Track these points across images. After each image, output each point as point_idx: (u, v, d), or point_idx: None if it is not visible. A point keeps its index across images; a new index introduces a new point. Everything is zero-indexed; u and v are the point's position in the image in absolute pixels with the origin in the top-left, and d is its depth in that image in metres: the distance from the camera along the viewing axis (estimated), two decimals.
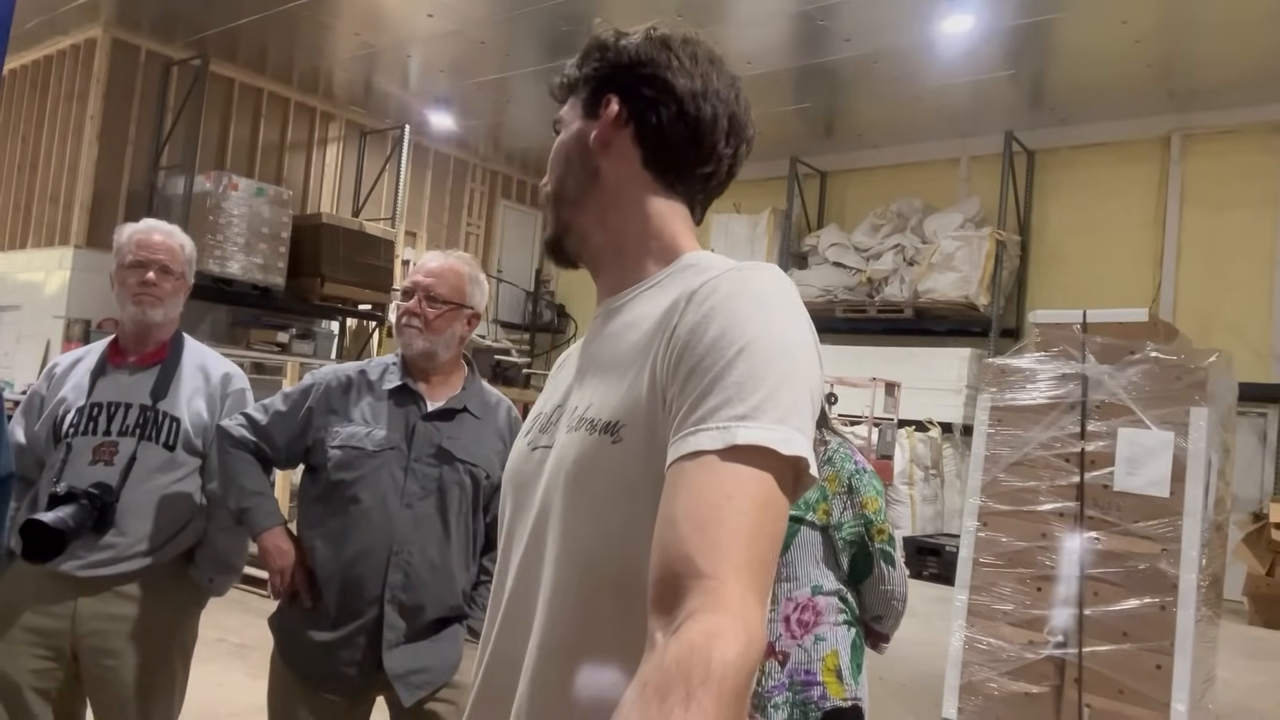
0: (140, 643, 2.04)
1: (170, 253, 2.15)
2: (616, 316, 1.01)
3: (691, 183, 1.04)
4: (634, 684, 0.68)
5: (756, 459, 0.77)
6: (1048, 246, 10.20)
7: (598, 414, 0.92)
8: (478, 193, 13.55)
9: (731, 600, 0.70)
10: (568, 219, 1.06)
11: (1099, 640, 4.04)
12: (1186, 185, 9.43)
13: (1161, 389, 4.02)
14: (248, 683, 4.24)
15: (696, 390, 0.82)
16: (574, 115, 1.07)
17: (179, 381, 2.14)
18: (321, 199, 11.44)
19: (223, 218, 8.79)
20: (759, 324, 0.84)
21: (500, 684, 0.96)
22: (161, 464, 2.08)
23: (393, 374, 2.09)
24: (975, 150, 10.55)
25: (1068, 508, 4.21)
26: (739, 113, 1.04)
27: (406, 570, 1.96)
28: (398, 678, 1.95)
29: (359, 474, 1.98)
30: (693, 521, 0.74)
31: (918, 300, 9.89)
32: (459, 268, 2.12)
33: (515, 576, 0.97)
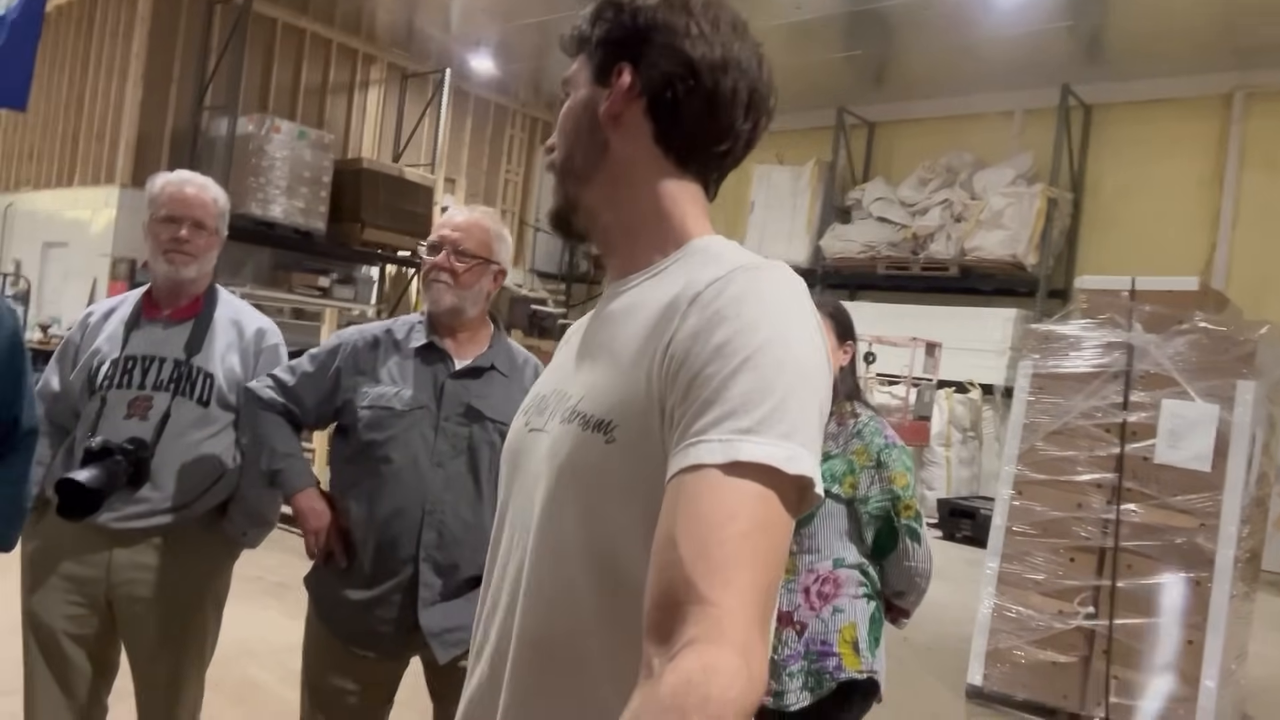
0: (173, 592, 2.08)
1: (204, 207, 2.13)
2: (617, 301, 0.96)
3: (706, 160, 0.98)
4: (626, 714, 0.66)
5: (760, 476, 0.73)
6: (1100, 206, 9.91)
7: (590, 409, 0.88)
8: (517, 139, 13.46)
9: (734, 631, 0.67)
10: (575, 195, 1.00)
11: (1131, 613, 4.00)
12: (1247, 146, 9.08)
13: (1209, 360, 3.91)
14: (284, 621, 4.35)
15: (699, 399, 0.78)
16: (583, 79, 1.00)
17: (213, 336, 2.14)
18: (362, 143, 11.44)
19: (265, 160, 8.82)
20: (767, 331, 0.79)
21: (496, 666, 0.95)
22: (195, 420, 2.09)
23: (419, 332, 2.06)
24: (1029, 104, 10.23)
25: (1106, 479, 4.14)
26: (760, 85, 0.96)
27: (440, 529, 1.96)
28: (433, 635, 1.95)
29: (389, 434, 1.97)
30: (694, 543, 0.71)
31: (963, 258, 9.70)
32: (485, 223, 2.08)
33: (514, 565, 0.95)
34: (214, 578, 2.17)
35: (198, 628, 2.14)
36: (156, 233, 2.11)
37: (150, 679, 2.11)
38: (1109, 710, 3.98)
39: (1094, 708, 4.03)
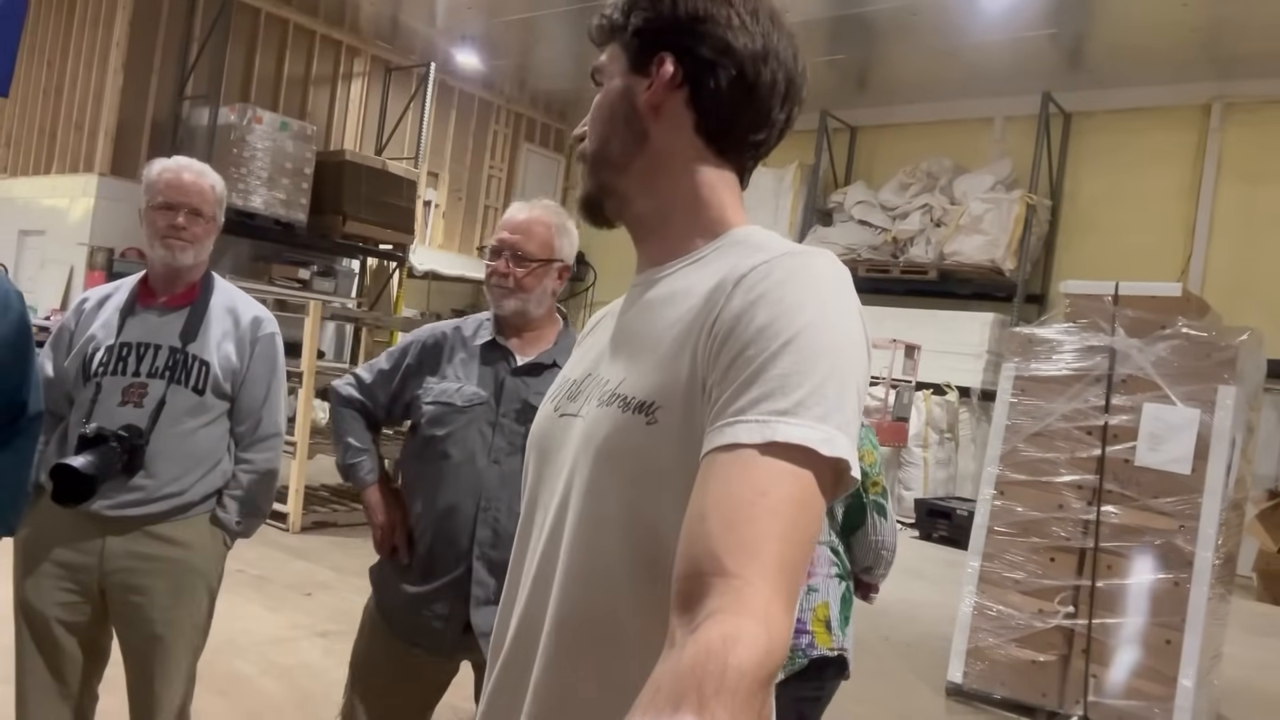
0: (166, 581, 2.07)
1: (201, 194, 2.11)
2: (656, 288, 0.96)
3: (743, 150, 0.98)
4: (648, 685, 0.66)
5: (795, 457, 0.74)
6: (1078, 212, 10.03)
7: (631, 391, 0.89)
8: (501, 135, 13.41)
9: (756, 603, 0.68)
10: (610, 182, 0.99)
11: (1110, 613, 4.06)
12: (1224, 155, 9.22)
13: (1190, 365, 3.97)
14: (266, 614, 4.32)
15: (739, 380, 0.78)
16: (618, 68, 0.99)
17: (208, 324, 2.13)
18: (345, 136, 11.36)
19: (246, 151, 8.74)
20: (810, 315, 0.80)
21: (524, 652, 0.95)
22: (191, 408, 2.08)
23: (485, 330, 2.09)
24: (1011, 110, 10.33)
25: (1087, 480, 4.19)
26: (796, 75, 0.97)
27: (495, 527, 1.95)
28: (484, 636, 1.93)
29: (449, 430, 2.00)
30: (723, 517, 0.72)
31: (943, 262, 9.79)
32: (546, 218, 2.05)
33: (543, 548, 0.95)
34: (207, 568, 2.15)
35: (191, 617, 2.13)
36: (153, 219, 2.08)
37: (142, 668, 2.10)
38: (1087, 708, 4.04)
39: (1072, 706, 4.08)
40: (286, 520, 5.95)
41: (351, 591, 4.81)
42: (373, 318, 8.58)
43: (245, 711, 3.29)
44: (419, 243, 11.61)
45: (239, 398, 2.16)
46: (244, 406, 2.17)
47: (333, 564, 5.33)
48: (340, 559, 5.45)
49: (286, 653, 3.92)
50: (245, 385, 2.17)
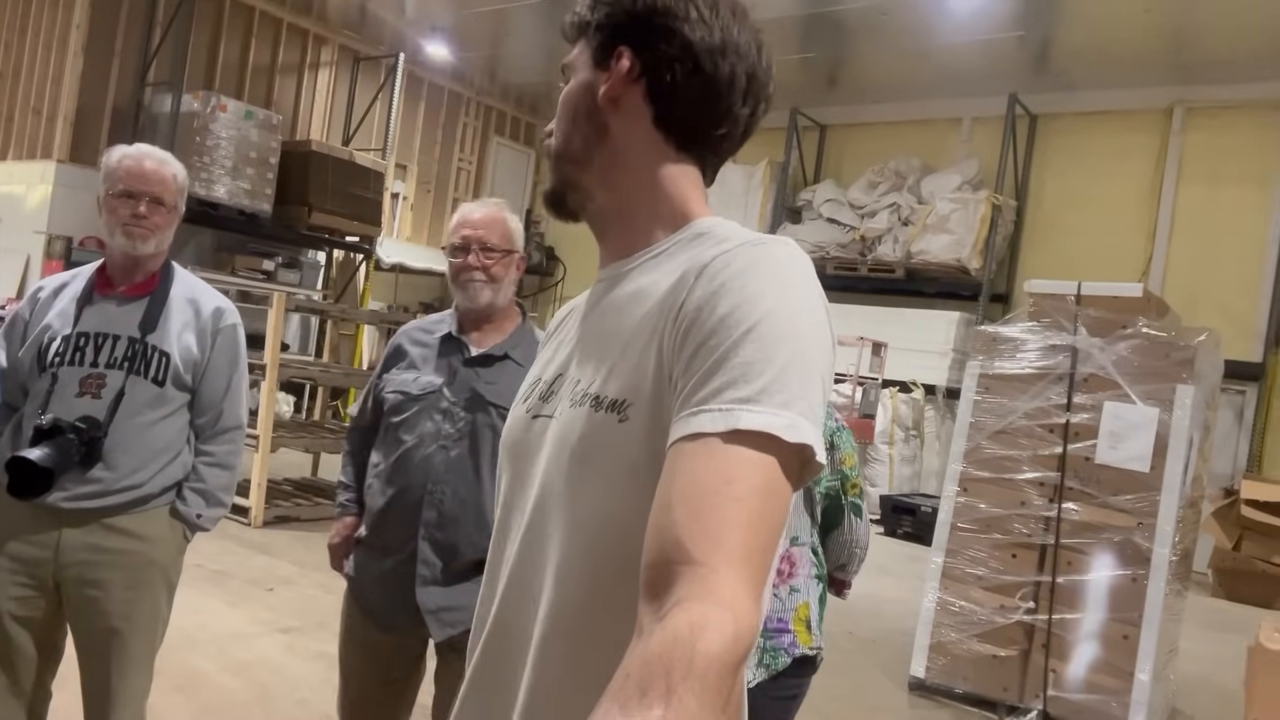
0: (124, 576, 2.03)
1: (163, 183, 2.07)
2: (621, 284, 0.96)
3: (705, 144, 0.98)
4: (618, 672, 0.66)
5: (759, 444, 0.74)
6: (1043, 213, 10.17)
7: (602, 390, 0.89)
8: (471, 128, 13.33)
9: (722, 590, 0.68)
10: (572, 177, 1.00)
11: (1070, 608, 4.11)
12: (1185, 159, 9.39)
13: (1150, 365, 4.03)
14: (225, 609, 4.26)
15: (701, 369, 0.78)
16: (583, 65, 1.00)
17: (168, 315, 2.09)
18: (311, 126, 11.22)
19: (210, 139, 8.60)
20: (771, 302, 0.80)
21: (503, 655, 0.94)
22: (150, 399, 2.05)
23: (446, 324, 2.19)
24: (978, 111, 10.44)
25: (1048, 477, 4.25)
26: (760, 70, 0.97)
27: (439, 509, 2.05)
28: (429, 613, 2.04)
29: (404, 416, 2.11)
30: (687, 506, 0.72)
31: (910, 261, 9.87)
32: (500, 213, 2.16)
33: (519, 549, 0.95)
34: (167, 562, 2.11)
35: (149, 613, 2.09)
36: (114, 208, 2.04)
37: (97, 664, 2.05)
38: (1046, 702, 4.09)
39: (1032, 700, 4.14)
40: (248, 514, 5.87)
41: (314, 587, 4.76)
42: (338, 310, 8.49)
43: (202, 707, 3.24)
44: (386, 235, 11.51)
45: (199, 390, 2.13)
46: (205, 399, 2.14)
47: (295, 559, 5.27)
48: (303, 554, 5.39)
49: (246, 649, 3.87)
50: (206, 377, 2.14)
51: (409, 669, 2.21)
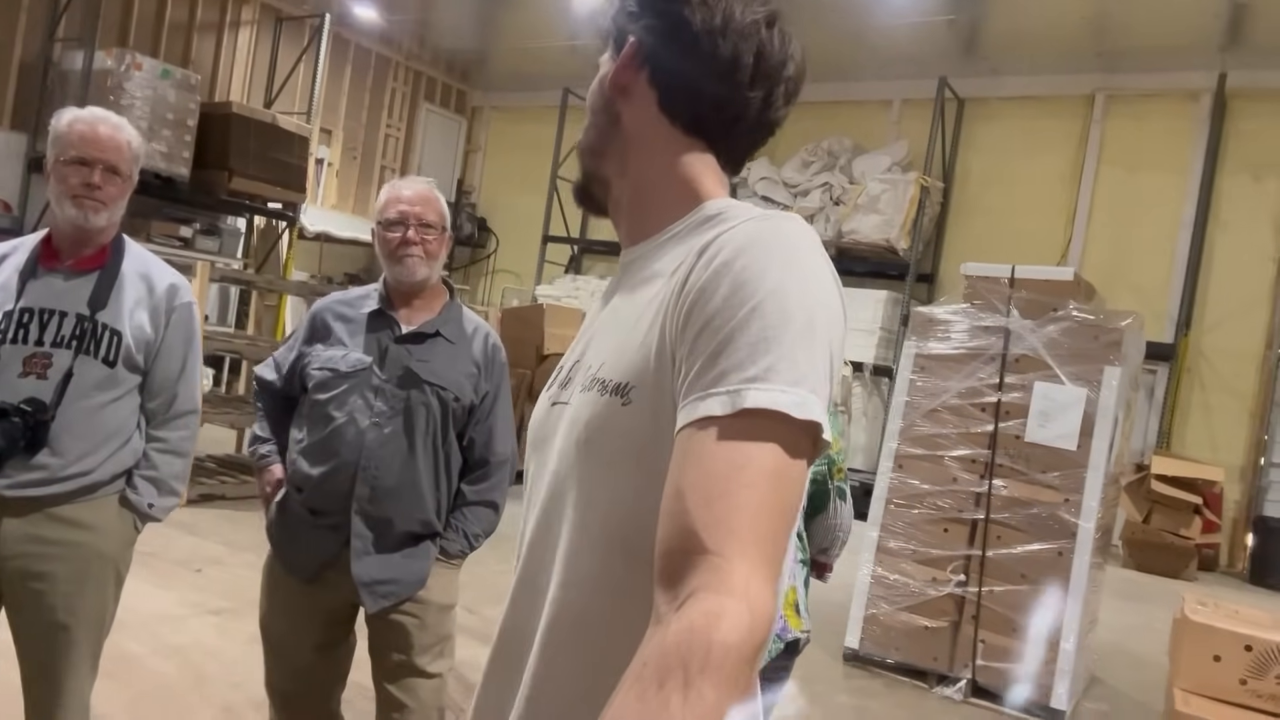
0: (70, 569, 1.93)
1: (118, 151, 1.94)
2: (634, 269, 0.97)
3: (713, 127, 0.97)
4: (635, 661, 0.67)
5: (768, 424, 0.73)
6: (968, 195, 10.40)
7: (609, 374, 0.88)
8: (399, 93, 12.99)
9: (736, 579, 0.68)
10: (593, 167, 1.02)
11: (998, 581, 4.26)
12: (1105, 145, 9.71)
13: (1079, 347, 4.17)
14: (154, 592, 4.12)
15: (707, 351, 0.77)
16: (607, 60, 1.02)
17: (120, 291, 1.97)
18: (231, 87, 10.80)
19: (124, 99, 8.18)
20: (775, 279, 0.78)
21: (514, 643, 0.94)
22: (100, 381, 1.94)
23: (372, 300, 2.15)
24: (908, 94, 10.60)
25: (980, 455, 4.37)
26: (771, 52, 0.96)
27: (373, 484, 2.04)
28: (364, 585, 2.04)
29: (333, 394, 2.07)
30: (699, 493, 0.72)
31: (840, 240, 10.00)
32: (434, 192, 2.17)
33: (531, 538, 0.95)
34: (116, 552, 2.01)
35: (95, 608, 1.99)
36: (64, 176, 1.92)
37: (41, 661, 1.95)
38: (975, 671, 4.24)
39: (961, 669, 4.28)
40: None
41: (243, 568, 4.63)
42: (265, 281, 8.23)
43: (136, 694, 3.13)
44: (310, 202, 11.17)
45: (152, 371, 2.03)
46: (157, 381, 2.04)
47: (223, 539, 5.12)
48: (230, 533, 5.24)
49: (178, 631, 3.75)
50: (159, 358, 2.03)
51: (339, 633, 2.18)
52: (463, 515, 2.15)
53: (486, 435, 2.17)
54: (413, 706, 2.07)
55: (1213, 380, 9.02)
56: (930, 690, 4.29)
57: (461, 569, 2.20)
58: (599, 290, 12.43)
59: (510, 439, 2.22)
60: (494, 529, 2.22)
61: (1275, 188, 8.87)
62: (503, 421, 2.21)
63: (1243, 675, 2.56)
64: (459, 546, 2.13)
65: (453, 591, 2.16)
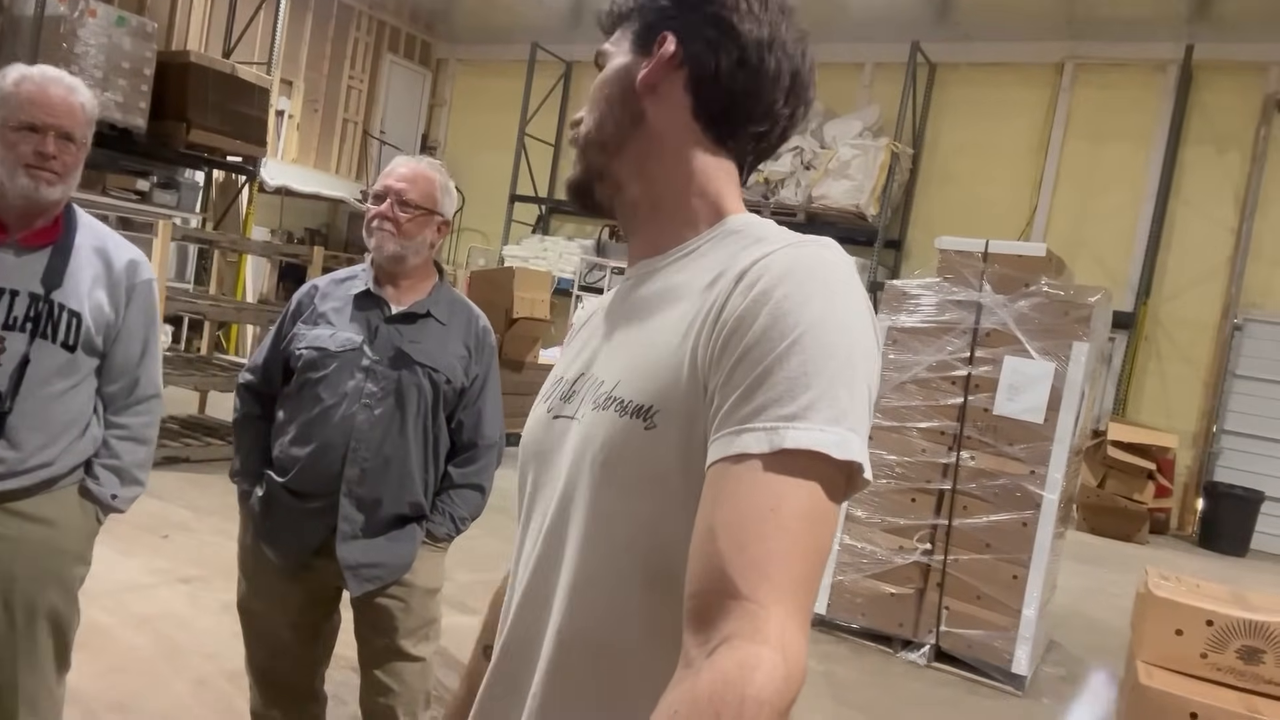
0: (30, 566, 1.84)
1: (71, 115, 1.81)
2: (649, 282, 0.93)
3: (743, 140, 0.95)
4: (663, 708, 0.66)
5: (806, 464, 0.72)
6: (937, 162, 10.44)
7: (628, 394, 0.85)
8: (362, 43, 12.68)
9: (771, 628, 0.67)
10: (601, 165, 0.96)
11: (963, 550, 4.35)
12: (1072, 114, 9.77)
13: (1049, 322, 4.23)
14: (119, 559, 4.07)
15: (744, 384, 0.75)
16: (621, 49, 0.96)
17: (76, 268, 1.85)
18: (189, 36, 10.46)
19: (78, 46, 7.89)
20: (816, 312, 0.76)
21: (517, 663, 0.92)
22: (59, 367, 1.83)
23: (361, 280, 2.13)
24: (881, 57, 10.56)
25: (948, 427, 4.44)
26: (803, 71, 0.94)
27: (363, 466, 2.02)
28: (349, 568, 2.03)
29: (322, 374, 2.04)
30: (733, 535, 0.70)
31: (810, 205, 10.01)
32: (430, 174, 2.12)
33: (538, 556, 0.92)
34: (78, 546, 1.93)
35: (60, 607, 1.91)
36: (13, 143, 1.78)
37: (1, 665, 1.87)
38: (939, 637, 4.35)
39: (925, 635, 4.39)
40: None
41: (211, 533, 4.59)
42: (228, 240, 8.04)
43: (106, 666, 3.09)
44: (271, 156, 10.91)
45: (111, 354, 1.93)
46: (117, 364, 1.94)
47: (188, 503, 5.06)
48: (196, 497, 5.17)
49: (146, 601, 3.72)
50: (120, 340, 1.93)
51: (322, 614, 2.17)
52: (449, 498, 2.13)
53: (476, 418, 2.16)
54: (398, 690, 2.08)
55: (1169, 349, 9.23)
56: (895, 655, 4.39)
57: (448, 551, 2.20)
58: (567, 252, 12.25)
59: (499, 422, 2.21)
60: (480, 512, 2.21)
61: (1237, 160, 9.01)
62: (492, 405, 2.19)
63: (1203, 649, 2.65)
64: (446, 529, 2.12)
65: (439, 575, 2.15)
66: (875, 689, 4.01)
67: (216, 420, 6.66)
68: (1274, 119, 8.82)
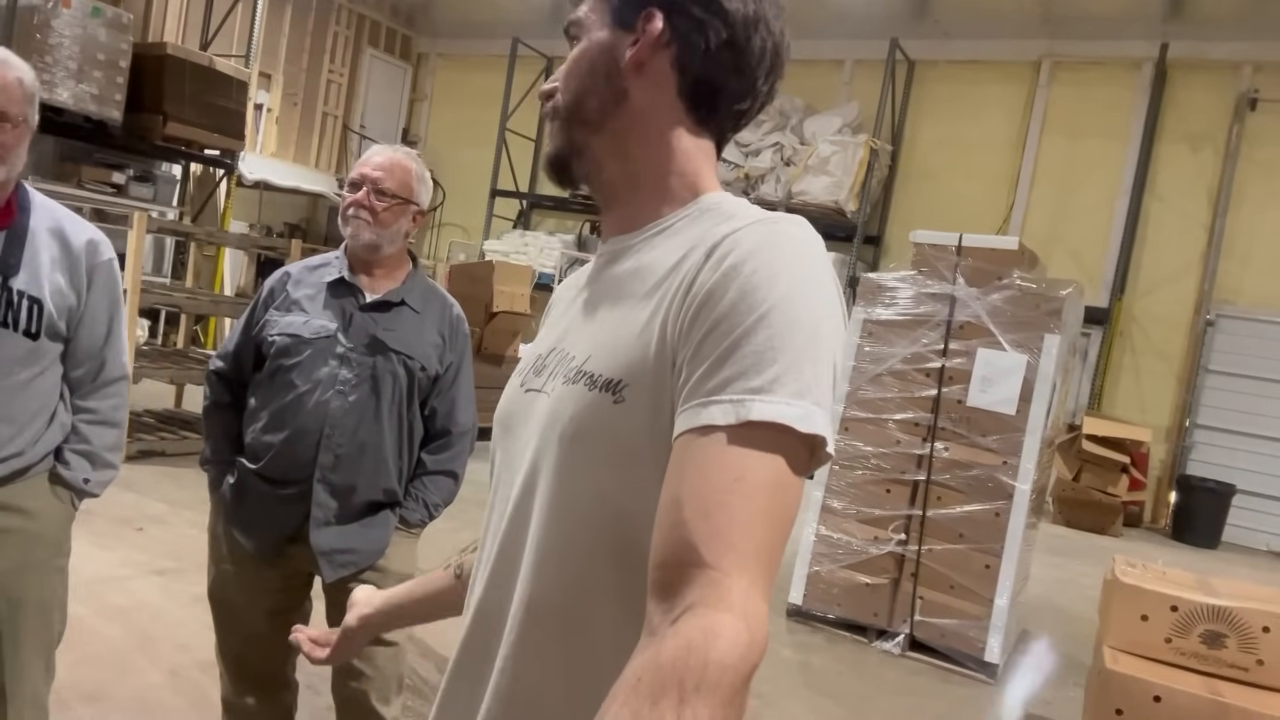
0: (8, 557, 1.81)
1: (6, 92, 1.69)
2: (623, 259, 0.94)
3: (724, 118, 0.96)
4: (627, 675, 0.66)
5: (770, 436, 0.73)
6: (915, 158, 10.50)
7: (598, 368, 0.86)
8: (342, 37, 12.61)
9: (735, 595, 0.68)
10: (581, 141, 0.95)
11: (937, 540, 4.39)
12: (1049, 111, 9.86)
13: (1022, 315, 4.28)
14: (95, 552, 4.05)
15: (711, 357, 0.76)
16: (599, 22, 0.95)
17: (33, 252, 1.78)
18: (165, 28, 10.36)
19: (52, 38, 7.81)
20: (783, 288, 0.77)
21: (487, 638, 0.93)
22: (23, 356, 1.76)
23: (334, 267, 2.13)
24: (860, 54, 10.61)
25: (923, 418, 4.48)
26: (782, 48, 0.96)
27: (337, 452, 2.02)
28: (322, 554, 2.03)
29: (296, 360, 2.03)
30: (698, 505, 0.71)
31: (790, 200, 10.04)
32: (407, 163, 2.12)
33: (506, 529, 0.93)
34: (56, 534, 1.90)
35: (42, 598, 1.87)
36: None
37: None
38: (913, 627, 4.39)
39: (900, 624, 4.43)
40: None
41: (186, 525, 4.57)
42: (204, 232, 7.97)
43: (80, 657, 3.08)
44: (249, 150, 10.84)
45: (76, 338, 1.87)
46: (82, 348, 1.89)
47: (163, 496, 5.03)
48: (171, 491, 5.15)
49: (121, 593, 3.70)
50: (83, 323, 1.87)
51: (293, 600, 2.16)
52: (423, 484, 2.14)
53: (449, 405, 2.16)
54: (370, 674, 2.08)
55: (1143, 344, 9.33)
56: (870, 644, 4.43)
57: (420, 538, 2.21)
58: (547, 247, 12.24)
59: (472, 409, 2.22)
60: (453, 498, 2.22)
61: (1210, 158, 9.12)
62: (465, 392, 2.20)
63: (1168, 634, 2.69)
64: (419, 516, 2.12)
65: (412, 561, 2.16)
66: (850, 678, 4.04)
67: (193, 414, 6.61)
68: (1246, 117, 8.93)
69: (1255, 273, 8.87)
